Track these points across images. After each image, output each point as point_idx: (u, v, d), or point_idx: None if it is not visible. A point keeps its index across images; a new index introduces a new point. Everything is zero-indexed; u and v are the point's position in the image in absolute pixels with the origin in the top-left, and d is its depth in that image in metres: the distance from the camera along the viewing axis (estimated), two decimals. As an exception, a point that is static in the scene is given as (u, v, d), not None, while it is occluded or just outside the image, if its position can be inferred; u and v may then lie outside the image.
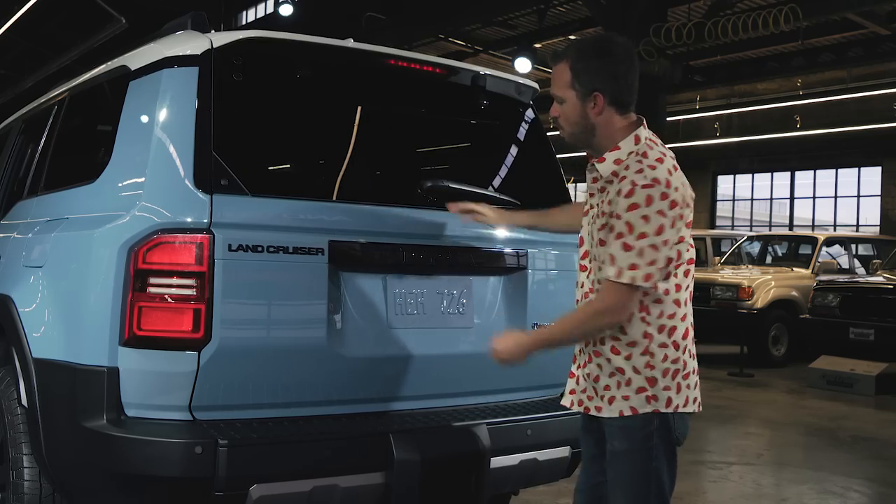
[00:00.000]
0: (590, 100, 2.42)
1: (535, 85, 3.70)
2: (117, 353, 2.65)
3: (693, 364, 2.56)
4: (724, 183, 23.22)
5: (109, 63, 3.46)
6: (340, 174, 3.13)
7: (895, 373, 9.28)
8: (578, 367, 2.62)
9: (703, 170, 21.96)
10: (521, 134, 3.68)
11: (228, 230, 2.69)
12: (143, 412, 2.68)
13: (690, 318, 2.53)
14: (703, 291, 11.08)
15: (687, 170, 2.61)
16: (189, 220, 2.68)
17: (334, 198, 3.00)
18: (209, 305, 2.65)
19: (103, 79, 3.47)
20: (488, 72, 3.54)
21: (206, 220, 2.68)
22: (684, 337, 2.49)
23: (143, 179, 2.80)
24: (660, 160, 2.39)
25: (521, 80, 3.67)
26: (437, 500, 3.04)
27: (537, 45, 13.43)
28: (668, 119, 14.50)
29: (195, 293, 2.64)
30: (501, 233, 3.32)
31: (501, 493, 3.75)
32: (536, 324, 3.26)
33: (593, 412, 2.55)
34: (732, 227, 22.93)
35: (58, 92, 4.05)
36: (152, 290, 2.64)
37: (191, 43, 2.91)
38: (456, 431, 3.05)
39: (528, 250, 3.36)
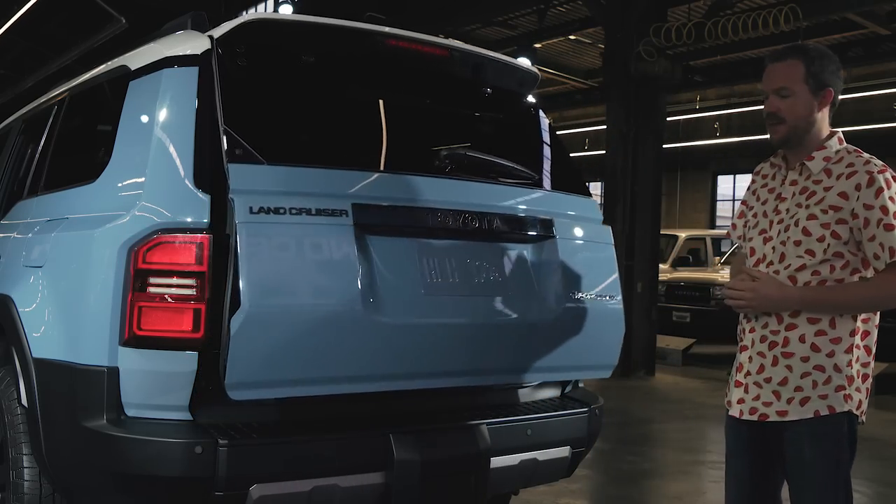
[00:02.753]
0: (821, 94, 2.56)
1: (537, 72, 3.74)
2: (117, 353, 2.65)
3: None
4: (724, 183, 23.20)
5: (109, 63, 3.46)
6: (355, 145, 3.13)
7: (895, 373, 9.29)
8: (747, 374, 2.60)
9: (703, 170, 21.95)
10: (526, 111, 3.71)
11: (246, 195, 2.63)
12: (143, 412, 2.68)
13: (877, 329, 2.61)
14: (703, 291, 11.08)
15: (687, 170, 2.62)
16: (189, 219, 2.67)
17: (351, 167, 2.96)
18: (209, 305, 2.65)
19: (103, 79, 3.47)
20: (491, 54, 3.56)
21: (206, 220, 2.67)
22: (875, 344, 2.59)
23: (143, 179, 2.80)
24: (871, 156, 2.54)
25: (525, 68, 3.70)
26: (437, 500, 3.04)
27: (537, 45, 13.43)
28: (668, 119, 14.49)
29: (195, 293, 2.64)
30: (525, 202, 3.32)
31: (501, 493, 3.75)
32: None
33: (774, 418, 2.54)
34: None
35: (58, 92, 4.05)
36: (152, 289, 2.64)
37: (191, 43, 2.92)
38: (456, 431, 3.05)
39: (555, 219, 3.33)
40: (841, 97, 2.63)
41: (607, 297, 3.41)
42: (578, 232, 3.42)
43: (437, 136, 3.45)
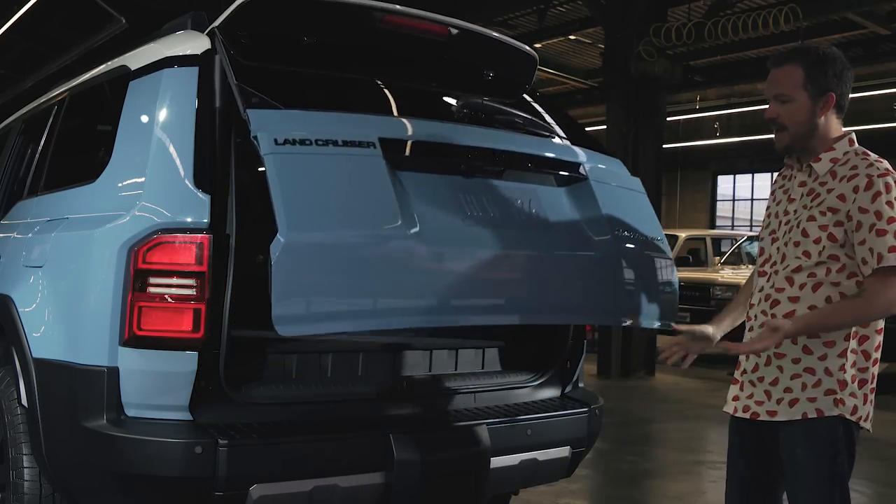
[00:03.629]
0: (821, 100, 2.51)
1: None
2: (117, 353, 2.65)
3: (874, 379, 2.57)
4: (724, 183, 23.20)
5: (109, 63, 3.46)
6: (370, 95, 3.13)
7: (895, 373, 9.28)
8: (744, 372, 2.61)
9: (703, 170, 21.94)
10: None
11: (268, 130, 2.57)
12: (143, 412, 2.68)
13: (881, 334, 2.56)
14: (703, 291, 11.08)
15: (687, 170, 2.63)
16: (189, 219, 2.68)
17: (371, 112, 2.94)
18: (209, 305, 2.65)
19: (103, 79, 3.47)
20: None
21: (206, 220, 2.68)
22: (876, 349, 2.54)
23: (143, 179, 2.80)
24: (878, 158, 2.50)
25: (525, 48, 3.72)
26: (437, 500, 3.04)
27: (537, 45, 13.44)
28: (668, 119, 14.49)
29: (195, 293, 2.64)
30: (555, 149, 3.33)
31: (501, 493, 3.75)
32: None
33: (764, 417, 2.53)
34: (732, 227, 22.90)
35: (58, 92, 4.05)
36: (152, 289, 2.64)
37: (191, 43, 2.92)
38: (456, 431, 3.05)
39: (587, 164, 3.32)
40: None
41: (654, 240, 3.31)
42: (611, 178, 3.41)
43: (450, 87, 3.47)
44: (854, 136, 2.58)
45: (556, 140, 3.42)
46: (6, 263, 3.48)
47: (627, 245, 3.23)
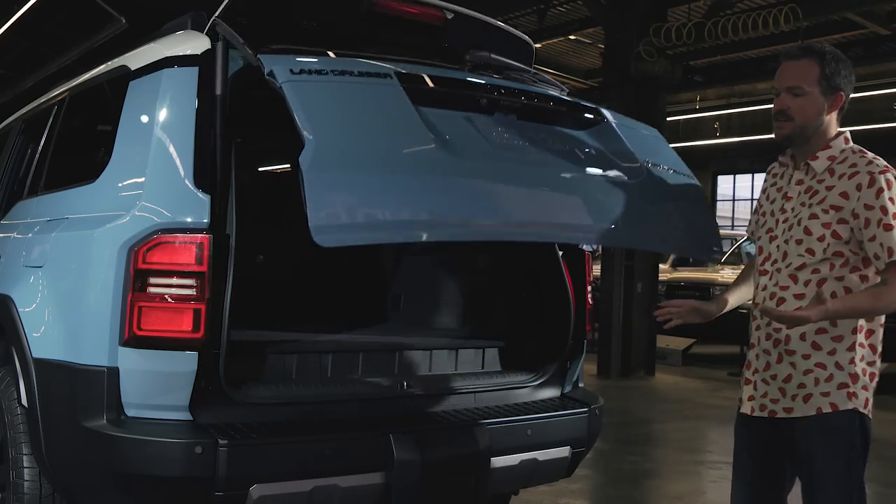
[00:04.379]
0: (831, 98, 2.56)
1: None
2: (117, 353, 2.65)
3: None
4: (724, 183, 23.21)
5: (109, 63, 3.46)
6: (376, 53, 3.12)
7: (895, 373, 9.28)
8: (755, 371, 2.62)
9: (703, 170, 21.93)
10: None
11: (282, 64, 2.56)
12: (143, 412, 2.68)
13: (882, 328, 2.59)
14: (703, 291, 11.08)
15: (687, 170, 2.63)
16: (189, 220, 2.68)
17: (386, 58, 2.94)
18: (209, 305, 2.65)
19: (103, 79, 3.47)
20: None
21: (206, 220, 2.68)
22: (880, 343, 2.58)
23: (143, 179, 2.80)
24: (875, 156, 2.55)
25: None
26: (437, 500, 3.04)
27: (537, 45, 13.43)
28: (668, 119, 14.47)
29: (195, 293, 2.64)
30: (564, 97, 3.37)
31: (501, 493, 3.75)
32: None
33: (781, 414, 2.55)
34: (732, 227, 22.91)
35: (58, 92, 4.05)
36: (152, 290, 2.64)
37: (191, 43, 2.91)
38: (456, 431, 3.05)
39: (601, 109, 3.32)
40: (841, 97, 2.61)
41: (682, 172, 3.26)
42: (629, 122, 3.42)
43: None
44: (849, 134, 2.62)
45: (569, 98, 3.44)
46: (6, 263, 3.48)
47: (659, 174, 3.14)
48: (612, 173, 3.05)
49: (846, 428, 2.51)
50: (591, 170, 3.07)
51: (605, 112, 3.31)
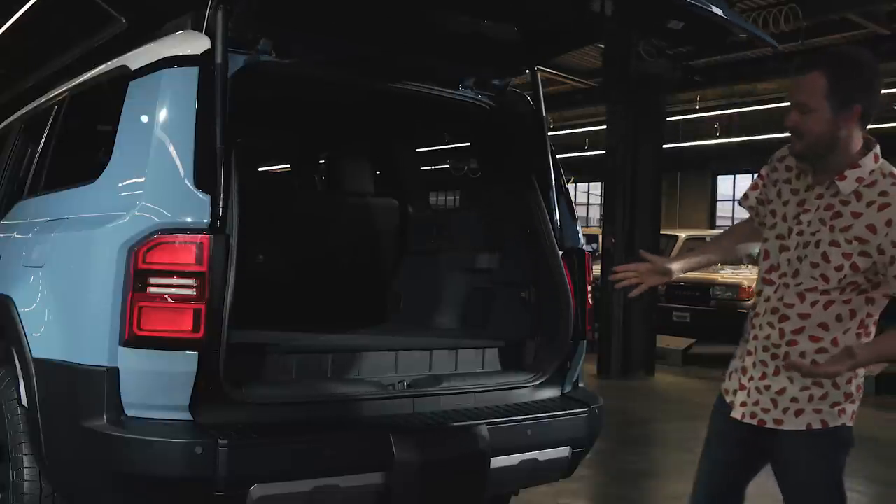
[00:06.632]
0: (845, 112, 2.35)
1: None
2: (117, 353, 2.65)
3: None
4: (724, 183, 23.19)
5: (109, 63, 3.46)
6: None
7: (895, 373, 9.28)
8: (751, 378, 2.56)
9: (703, 170, 21.91)
10: None
11: None
12: (144, 412, 2.68)
13: None
14: (703, 291, 11.09)
15: (687, 170, 2.61)
16: (189, 220, 2.68)
17: None
18: (209, 305, 2.65)
19: (103, 79, 3.47)
20: None
21: (206, 220, 2.68)
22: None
23: (143, 179, 2.80)
24: None
25: None
26: (437, 500, 3.04)
27: (537, 45, 13.42)
28: (668, 119, 14.48)
29: (195, 293, 2.64)
30: None
31: (501, 493, 3.75)
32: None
33: (770, 425, 2.51)
34: (732, 227, 22.91)
35: (58, 92, 4.05)
36: (152, 290, 2.64)
37: (191, 43, 2.92)
38: (456, 431, 3.05)
39: None
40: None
41: None
42: None
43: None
44: (878, 148, 2.43)
45: None
46: (6, 263, 3.48)
47: None
48: None
49: (834, 444, 2.49)
50: None
51: None
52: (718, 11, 2.86)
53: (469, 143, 5.11)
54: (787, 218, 2.53)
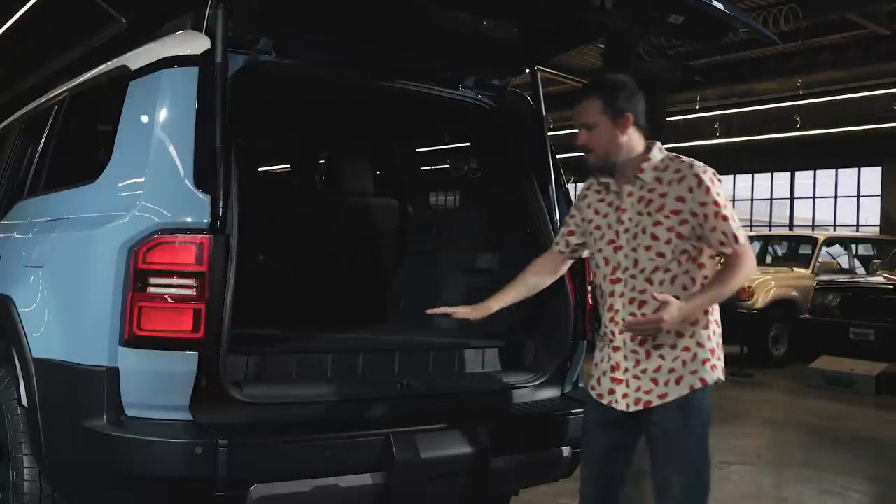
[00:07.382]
0: (620, 121, 2.82)
1: None
2: (117, 353, 2.65)
3: None
4: (724, 183, 23.18)
5: (109, 63, 3.46)
6: None
7: (895, 373, 9.28)
8: (625, 370, 2.81)
9: (703, 170, 21.88)
10: None
11: None
12: (144, 412, 2.68)
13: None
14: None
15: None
16: (189, 220, 2.68)
17: None
18: (209, 305, 2.65)
19: (103, 79, 3.47)
20: None
21: (206, 220, 2.68)
22: (720, 315, 2.85)
23: (143, 179, 2.80)
24: (690, 158, 2.83)
25: None
26: (437, 500, 3.05)
27: (537, 45, 13.40)
28: (668, 119, 14.49)
29: (195, 293, 2.64)
30: None
31: (501, 493, 3.75)
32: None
33: (656, 402, 2.76)
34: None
35: (58, 92, 4.05)
36: (152, 290, 2.64)
37: (191, 43, 2.92)
38: (456, 431, 3.05)
39: None
40: (841, 97, 2.69)
41: None
42: None
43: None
44: (660, 143, 2.87)
45: None
46: (6, 263, 3.48)
47: None
48: None
49: (699, 404, 2.75)
50: None
51: None
52: (719, 6, 2.94)
53: (469, 143, 5.09)
54: (612, 224, 2.89)
